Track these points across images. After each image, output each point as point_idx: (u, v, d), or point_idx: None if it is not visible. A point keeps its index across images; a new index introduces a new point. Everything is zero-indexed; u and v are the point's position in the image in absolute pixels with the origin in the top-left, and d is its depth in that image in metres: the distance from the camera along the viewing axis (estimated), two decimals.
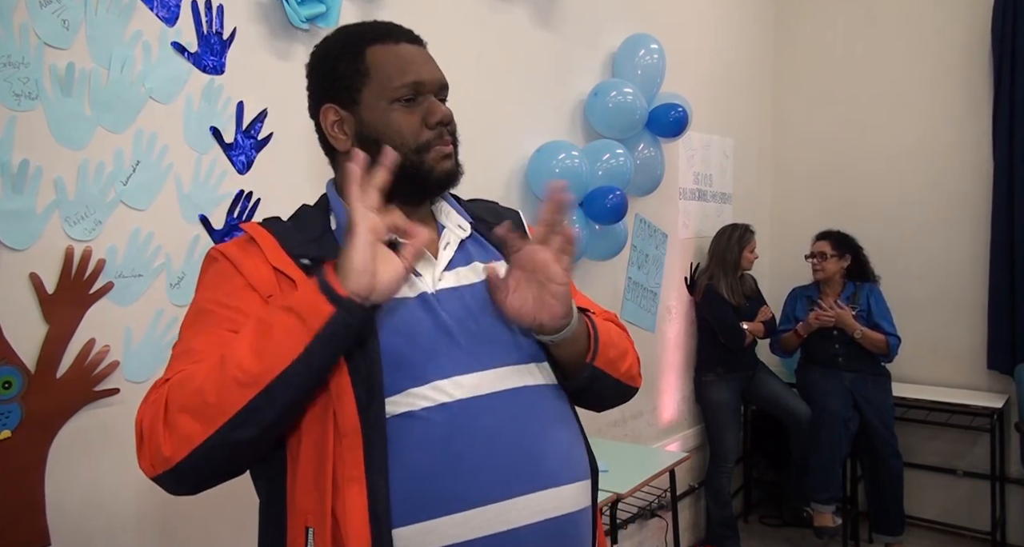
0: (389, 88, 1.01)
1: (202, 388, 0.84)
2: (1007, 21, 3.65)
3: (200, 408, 0.84)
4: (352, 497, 0.90)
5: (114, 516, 1.60)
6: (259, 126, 1.85)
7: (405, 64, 1.02)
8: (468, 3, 2.46)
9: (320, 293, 0.85)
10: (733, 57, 4.03)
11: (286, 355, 0.84)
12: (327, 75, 1.05)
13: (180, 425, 0.84)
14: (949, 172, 3.92)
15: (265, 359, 0.84)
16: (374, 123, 1.02)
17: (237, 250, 1.01)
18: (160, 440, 0.84)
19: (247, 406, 0.84)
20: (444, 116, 1.03)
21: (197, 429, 0.84)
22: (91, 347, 1.55)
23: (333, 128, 1.05)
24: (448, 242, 1.08)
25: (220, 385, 0.84)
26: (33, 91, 1.46)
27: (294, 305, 0.86)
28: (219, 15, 1.77)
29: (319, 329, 0.85)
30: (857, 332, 3.45)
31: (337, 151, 1.07)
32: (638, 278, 3.31)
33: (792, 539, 3.81)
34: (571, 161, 2.60)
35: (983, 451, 3.67)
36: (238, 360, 0.84)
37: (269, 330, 0.86)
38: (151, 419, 0.86)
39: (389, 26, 1.06)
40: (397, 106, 1.01)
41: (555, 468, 0.99)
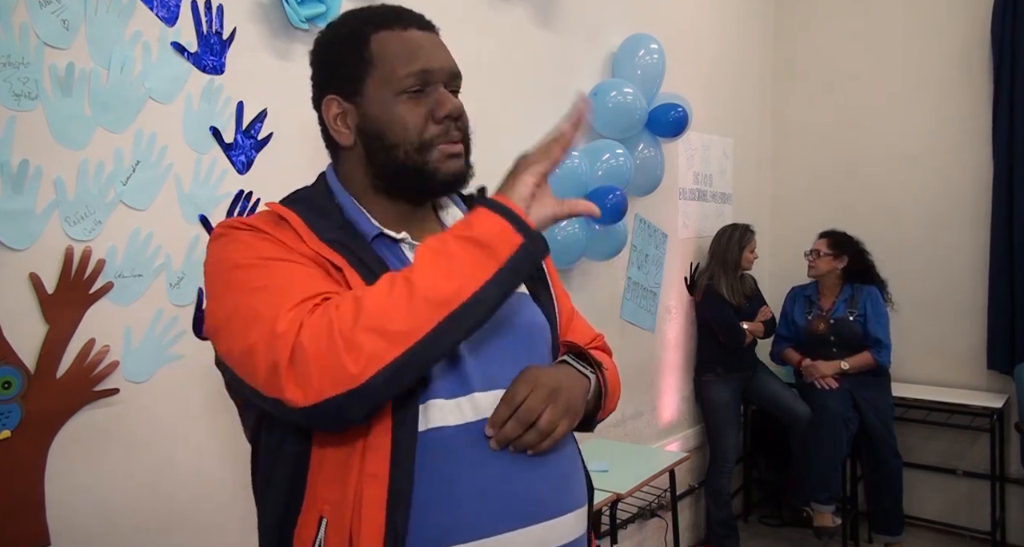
0: (394, 78, 0.94)
1: (386, 307, 0.80)
2: (1007, 21, 3.65)
3: (389, 328, 0.80)
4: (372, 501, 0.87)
5: (114, 516, 1.60)
6: (259, 126, 1.85)
7: (412, 52, 0.95)
8: (468, 3, 2.46)
9: (505, 220, 0.84)
10: (733, 57, 4.03)
11: (477, 278, 0.82)
12: (330, 64, 0.99)
13: (366, 343, 0.79)
14: (949, 172, 3.92)
15: (455, 280, 0.82)
16: (377, 117, 0.96)
17: (271, 227, 0.93)
18: (342, 359, 0.78)
19: (440, 325, 0.81)
20: (453, 109, 0.96)
21: (385, 346, 0.79)
22: (91, 347, 1.55)
23: (335, 121, 0.99)
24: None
25: (410, 303, 0.80)
26: (33, 91, 1.46)
27: (476, 234, 0.84)
28: (219, 15, 1.77)
29: (508, 257, 0.84)
30: (845, 365, 3.47)
31: (339, 145, 1.02)
32: (638, 278, 3.31)
33: (792, 539, 3.81)
34: (571, 161, 2.60)
35: (983, 451, 3.67)
36: (427, 280, 0.81)
37: (451, 257, 0.83)
38: (318, 338, 0.79)
39: (398, 10, 0.99)
40: (403, 98, 0.95)
41: (556, 499, 0.97)
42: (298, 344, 0.79)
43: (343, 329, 0.79)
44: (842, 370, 3.48)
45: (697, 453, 3.65)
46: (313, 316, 0.81)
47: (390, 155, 0.96)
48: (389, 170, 0.98)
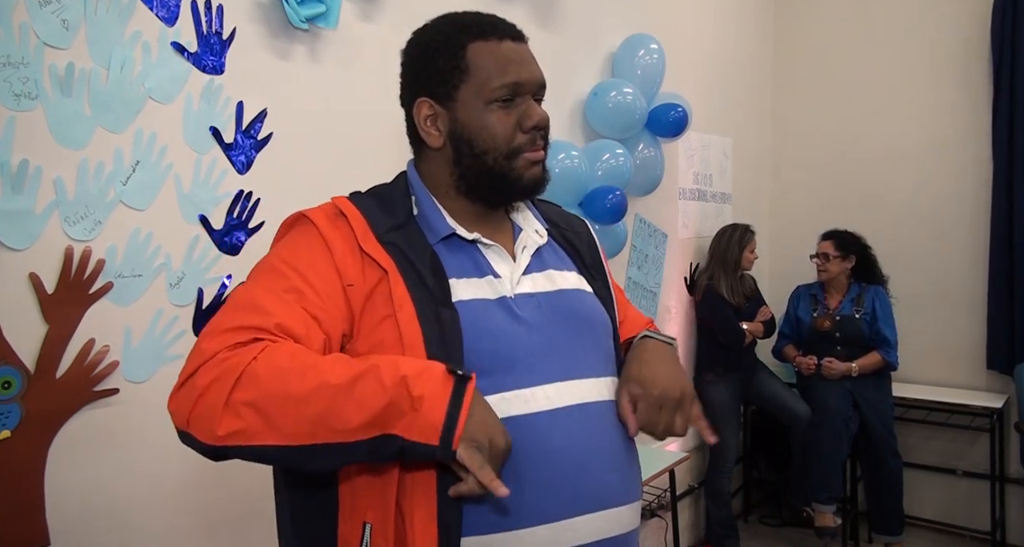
0: (487, 88, 0.99)
1: (287, 398, 0.82)
2: (1006, 20, 3.65)
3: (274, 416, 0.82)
4: (421, 500, 0.88)
5: (114, 516, 1.60)
6: (259, 126, 1.85)
7: (506, 64, 1.00)
8: (467, 3, 2.46)
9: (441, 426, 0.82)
10: (733, 57, 4.03)
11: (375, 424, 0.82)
12: (425, 67, 1.02)
13: (245, 416, 0.82)
14: (948, 172, 3.92)
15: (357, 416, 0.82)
16: (469, 123, 1.00)
17: (328, 223, 0.98)
18: (217, 415, 0.82)
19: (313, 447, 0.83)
20: (540, 120, 1.01)
21: (260, 431, 0.82)
22: (91, 347, 1.55)
23: (426, 122, 1.03)
24: (525, 246, 1.07)
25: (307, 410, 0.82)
26: (33, 91, 1.46)
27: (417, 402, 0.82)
28: (219, 15, 1.77)
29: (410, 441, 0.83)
30: (854, 370, 3.46)
31: (425, 144, 1.05)
32: (638, 278, 3.31)
33: (792, 539, 3.81)
34: (571, 161, 2.60)
35: (982, 451, 3.67)
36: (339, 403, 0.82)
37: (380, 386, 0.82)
38: (212, 382, 0.83)
39: (494, 21, 1.04)
40: (494, 107, 0.99)
41: (615, 488, 0.99)
42: (197, 370, 0.85)
43: (240, 388, 0.82)
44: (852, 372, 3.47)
45: (697, 453, 3.65)
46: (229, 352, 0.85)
47: (479, 160, 1.01)
48: (475, 173, 1.02)
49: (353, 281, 0.94)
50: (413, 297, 0.93)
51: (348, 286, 0.94)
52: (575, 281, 1.09)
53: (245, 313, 0.90)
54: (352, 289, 0.94)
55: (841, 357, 3.52)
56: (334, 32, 1.97)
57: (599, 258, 1.18)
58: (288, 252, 0.97)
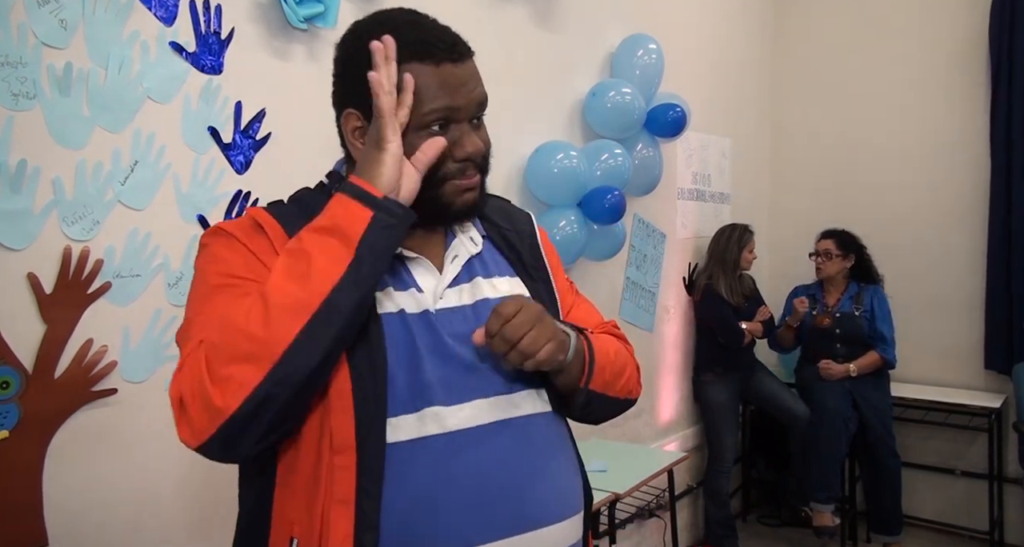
0: (417, 114, 0.92)
1: (246, 329, 0.80)
2: (1004, 20, 3.65)
3: (250, 349, 0.79)
4: (339, 520, 0.86)
5: (112, 516, 1.60)
6: (257, 126, 1.85)
7: (439, 89, 0.92)
8: (466, 2, 2.46)
9: (351, 199, 0.84)
10: (731, 57, 4.04)
11: (332, 273, 0.82)
12: (356, 79, 0.93)
13: (231, 375, 0.79)
14: (947, 172, 3.92)
15: (311, 282, 0.81)
16: None
17: (245, 235, 0.95)
18: (209, 396, 0.79)
19: (302, 332, 0.80)
20: (473, 152, 0.95)
21: (251, 371, 0.79)
22: (89, 347, 1.55)
23: (353, 134, 0.97)
24: (456, 255, 1.02)
25: (266, 319, 0.80)
26: (31, 91, 1.46)
27: (325, 222, 0.83)
28: (217, 15, 1.77)
29: (361, 236, 0.83)
30: (853, 371, 3.47)
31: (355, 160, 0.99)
32: (636, 278, 3.31)
33: (791, 539, 3.81)
34: (569, 161, 2.60)
35: (981, 451, 3.67)
36: (280, 290, 0.81)
37: (306, 255, 0.83)
38: (192, 381, 0.81)
39: (433, 39, 0.94)
40: (424, 133, 0.93)
41: (545, 507, 0.95)
42: (177, 390, 0.82)
43: (212, 364, 0.80)
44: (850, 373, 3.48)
45: (696, 453, 3.65)
46: (196, 355, 0.82)
47: None
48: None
49: None
50: None
51: None
52: (507, 288, 1.04)
53: (187, 339, 0.87)
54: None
55: (841, 354, 3.53)
56: (333, 32, 1.96)
57: (541, 256, 1.12)
58: (220, 264, 0.93)
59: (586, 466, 1.09)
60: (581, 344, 1.00)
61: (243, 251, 0.93)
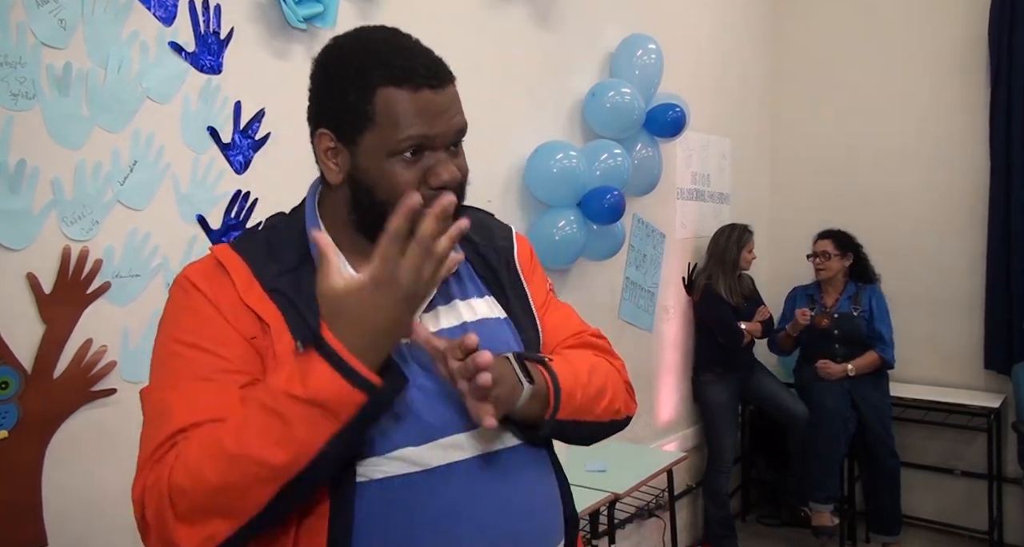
0: (392, 140, 0.88)
1: (217, 488, 0.78)
2: (1004, 20, 3.65)
3: (219, 507, 0.78)
4: None
5: (111, 516, 1.59)
6: (257, 126, 1.85)
7: (416, 116, 0.88)
8: (466, 2, 2.46)
9: (342, 378, 0.77)
10: (731, 57, 4.03)
11: (312, 443, 0.78)
12: (331, 99, 0.92)
13: (198, 523, 0.79)
14: (946, 172, 3.92)
15: (287, 450, 0.77)
16: (369, 171, 0.91)
17: (207, 282, 0.91)
18: (174, 537, 0.79)
19: (272, 501, 0.79)
20: (449, 181, 0.91)
21: (221, 526, 0.79)
22: (88, 347, 1.55)
23: (326, 154, 0.94)
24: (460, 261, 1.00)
25: (239, 485, 0.78)
26: (30, 91, 1.46)
27: (310, 394, 0.77)
28: (216, 15, 1.76)
29: (349, 419, 0.78)
30: (851, 371, 3.47)
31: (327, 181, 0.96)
32: (636, 278, 3.31)
33: (790, 539, 3.81)
34: (569, 161, 2.60)
35: (980, 451, 3.67)
36: (255, 456, 0.77)
37: (282, 417, 0.77)
38: (156, 509, 0.80)
39: (413, 64, 0.90)
40: (397, 159, 0.89)
41: (528, 538, 0.94)
42: (140, 503, 0.82)
43: (178, 503, 0.79)
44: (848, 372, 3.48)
45: (695, 453, 3.65)
46: (157, 474, 0.81)
47: (376, 209, 0.91)
48: (372, 221, 0.91)
49: (254, 334, 0.89)
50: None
51: (252, 339, 0.89)
52: (484, 310, 1.01)
53: (157, 427, 0.85)
54: (256, 341, 0.89)
55: (840, 354, 3.53)
56: (332, 32, 1.96)
57: (517, 275, 1.08)
58: (176, 328, 0.90)
59: (586, 466, 1.08)
60: (542, 380, 0.94)
61: (204, 308, 0.90)
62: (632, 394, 1.11)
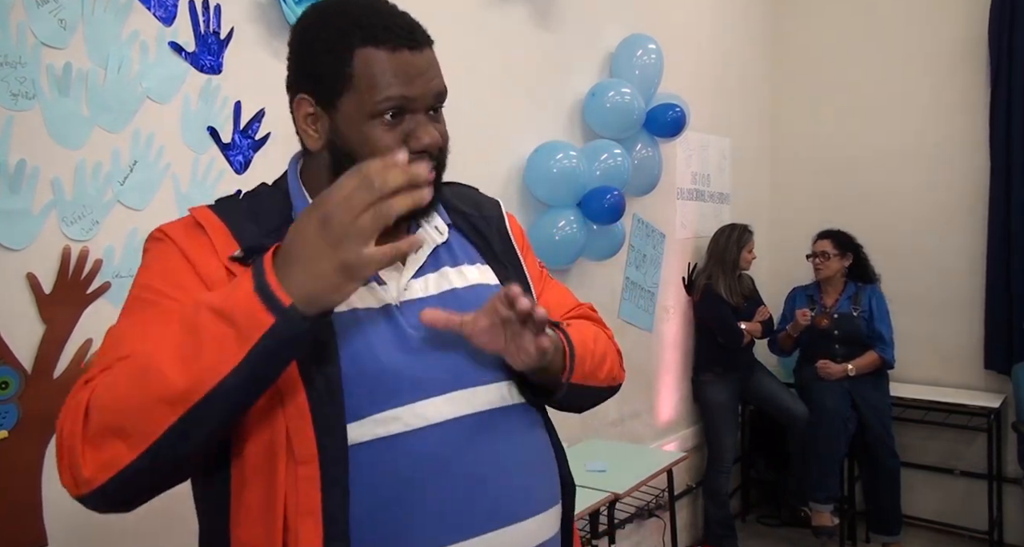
0: (371, 102, 0.88)
1: (124, 405, 0.75)
2: (1004, 20, 3.66)
3: (122, 428, 0.75)
4: (307, 533, 0.82)
5: (111, 517, 1.59)
6: (257, 126, 1.85)
7: (394, 76, 0.88)
8: (466, 2, 2.46)
9: (255, 294, 0.74)
10: (731, 57, 4.04)
11: (216, 369, 0.74)
12: (309, 63, 0.92)
13: (102, 446, 0.75)
14: (946, 172, 3.92)
15: (191, 372, 0.74)
16: (349, 135, 0.90)
17: (184, 235, 0.90)
18: (79, 459, 0.76)
19: (172, 427, 0.74)
20: (431, 143, 0.90)
21: (121, 450, 0.75)
22: (88, 347, 1.55)
23: (305, 121, 0.93)
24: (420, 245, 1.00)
25: (142, 403, 0.74)
26: (30, 91, 1.46)
27: (226, 308, 0.74)
28: (216, 15, 1.76)
29: (255, 343, 0.73)
30: (851, 371, 3.47)
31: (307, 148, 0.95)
32: (636, 278, 3.31)
33: (790, 539, 3.81)
34: (569, 161, 2.60)
35: (980, 451, 3.67)
36: (162, 372, 0.74)
37: (197, 335, 0.75)
38: (69, 430, 0.77)
39: (389, 23, 0.89)
40: (377, 122, 0.89)
41: (517, 502, 0.93)
42: (60, 426, 0.79)
43: (89, 422, 0.76)
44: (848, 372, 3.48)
45: (695, 453, 3.65)
46: (82, 393, 0.79)
47: None
48: None
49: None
50: None
51: None
52: (477, 276, 1.01)
53: (104, 356, 0.84)
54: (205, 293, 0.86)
55: (840, 355, 3.53)
56: None
57: (510, 242, 1.09)
58: (145, 276, 0.90)
59: (586, 466, 1.08)
60: (560, 340, 0.97)
61: (174, 257, 0.89)
62: (622, 362, 1.13)
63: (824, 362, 3.53)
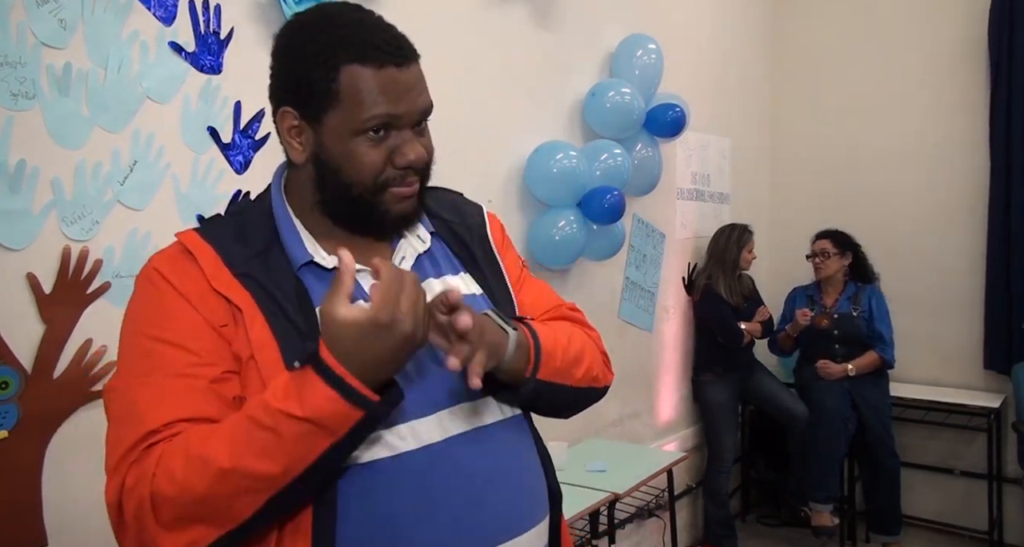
0: (357, 119, 0.88)
1: (205, 499, 0.77)
2: (1003, 20, 3.65)
3: (207, 516, 0.78)
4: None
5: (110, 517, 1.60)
6: (257, 126, 1.85)
7: (380, 94, 0.88)
8: (465, 3, 2.46)
9: (339, 396, 0.77)
10: (731, 57, 4.04)
11: (307, 457, 0.78)
12: (294, 77, 0.92)
13: (184, 530, 0.78)
14: (946, 172, 3.92)
15: (279, 462, 0.77)
16: (334, 150, 0.90)
17: (174, 270, 0.90)
18: (157, 541, 0.78)
19: (261, 508, 0.79)
20: (415, 161, 0.91)
21: (205, 532, 0.79)
22: (88, 347, 1.55)
23: (290, 133, 0.94)
24: (404, 256, 0.99)
25: (230, 495, 0.77)
26: (30, 91, 1.46)
27: (312, 416, 0.76)
28: (216, 15, 1.76)
29: (346, 433, 0.78)
30: (851, 371, 3.47)
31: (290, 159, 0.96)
32: (636, 278, 3.31)
33: (790, 539, 3.81)
34: (569, 161, 2.60)
35: (980, 451, 3.67)
36: (247, 468, 0.77)
37: (277, 433, 0.77)
38: (136, 513, 0.79)
39: (376, 41, 0.89)
40: (363, 138, 0.89)
41: (517, 515, 0.94)
42: (123, 518, 0.80)
43: (160, 512, 0.78)
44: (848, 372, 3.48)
45: (695, 453, 3.65)
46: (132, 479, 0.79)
47: (342, 189, 0.92)
48: (339, 201, 0.93)
49: (224, 322, 0.87)
50: (276, 334, 0.86)
51: (222, 327, 0.87)
52: (460, 286, 1.01)
53: (127, 427, 0.83)
54: (227, 329, 0.87)
55: (840, 355, 3.53)
56: None
57: (491, 249, 1.08)
58: (145, 321, 0.89)
59: (586, 466, 1.08)
60: (523, 335, 0.95)
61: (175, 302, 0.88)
62: (608, 364, 1.10)
63: (824, 362, 3.53)
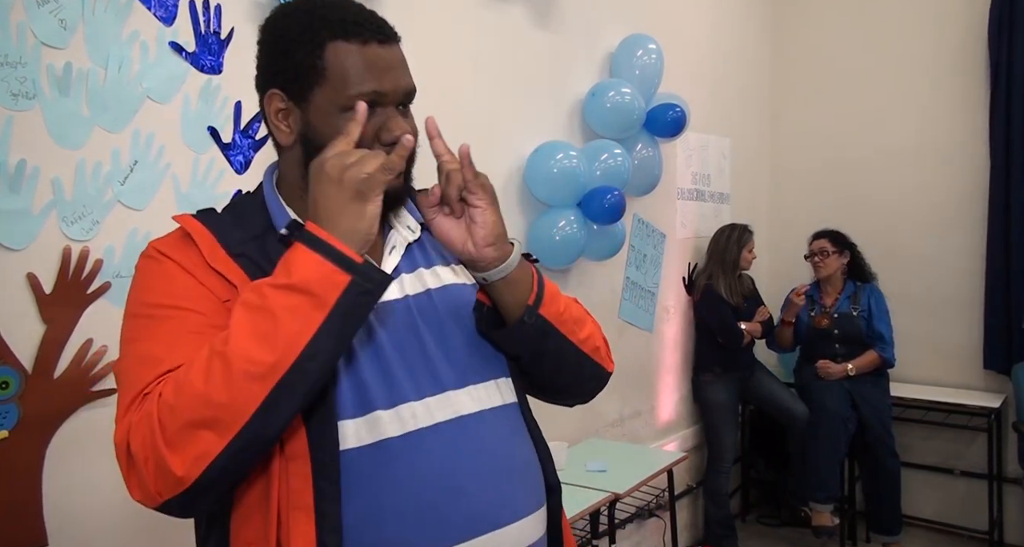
0: (343, 95, 0.89)
1: (207, 395, 0.76)
2: (1003, 20, 3.65)
3: (211, 415, 0.76)
4: (299, 527, 0.83)
5: (111, 516, 1.59)
6: (257, 126, 1.85)
7: (366, 70, 0.90)
8: (465, 3, 2.46)
9: (325, 259, 0.79)
10: (731, 57, 4.04)
11: (300, 336, 0.77)
12: (280, 58, 0.93)
13: (191, 441, 0.76)
14: (946, 172, 3.92)
15: (277, 345, 0.77)
16: (321, 128, 0.91)
17: (177, 249, 0.92)
18: (167, 462, 0.76)
19: (267, 399, 0.77)
20: (401, 136, 0.91)
21: (212, 439, 0.76)
22: (88, 347, 1.55)
23: (277, 116, 0.94)
24: (394, 245, 0.99)
25: (228, 384, 0.76)
26: (30, 91, 1.46)
27: (297, 281, 0.78)
28: (217, 15, 1.77)
29: (335, 303, 0.78)
30: (851, 370, 3.47)
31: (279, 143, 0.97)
32: (636, 278, 3.31)
33: (790, 539, 3.81)
34: (569, 161, 2.60)
35: (980, 451, 3.67)
36: (243, 352, 0.76)
37: (268, 311, 0.78)
38: (143, 441, 0.78)
39: (359, 19, 0.92)
40: (347, 115, 0.89)
41: (498, 509, 0.93)
42: (131, 452, 0.79)
43: (166, 425, 0.77)
44: (848, 372, 3.48)
45: (695, 453, 3.65)
46: (139, 414, 0.79)
47: None
48: None
49: (226, 297, 0.88)
50: None
51: (225, 302, 0.88)
52: (451, 276, 1.01)
53: (132, 379, 0.83)
54: (229, 304, 0.87)
55: (840, 354, 3.53)
56: None
57: None
58: (150, 294, 0.90)
59: (586, 466, 1.07)
60: (528, 266, 0.98)
61: (178, 273, 0.90)
62: (609, 353, 1.10)
63: (824, 362, 3.53)
